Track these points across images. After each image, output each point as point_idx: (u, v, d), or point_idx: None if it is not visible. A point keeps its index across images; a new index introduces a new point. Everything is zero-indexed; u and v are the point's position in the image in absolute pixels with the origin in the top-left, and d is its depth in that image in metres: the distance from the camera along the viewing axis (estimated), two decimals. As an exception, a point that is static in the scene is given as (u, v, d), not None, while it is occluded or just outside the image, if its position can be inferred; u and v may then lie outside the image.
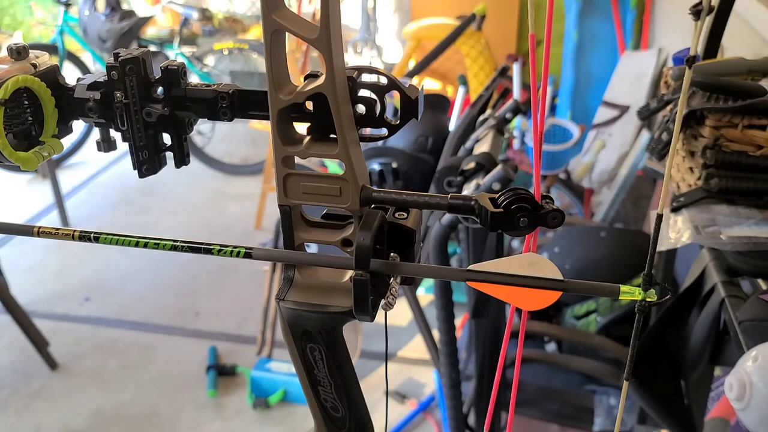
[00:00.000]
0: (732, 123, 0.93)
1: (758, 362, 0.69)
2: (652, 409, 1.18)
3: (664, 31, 2.84)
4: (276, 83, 0.39)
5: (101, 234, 0.42)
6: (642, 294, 0.37)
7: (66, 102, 0.43)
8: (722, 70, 1.02)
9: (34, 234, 0.43)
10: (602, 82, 2.95)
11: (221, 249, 0.42)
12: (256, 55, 3.82)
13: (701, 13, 0.30)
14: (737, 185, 0.94)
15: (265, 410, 2.14)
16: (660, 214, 0.36)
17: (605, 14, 3.12)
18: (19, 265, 2.92)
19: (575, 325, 1.89)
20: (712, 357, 0.98)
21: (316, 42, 0.37)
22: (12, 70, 0.41)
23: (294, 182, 0.41)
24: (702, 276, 0.98)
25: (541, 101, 0.43)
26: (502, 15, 3.66)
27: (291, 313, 0.43)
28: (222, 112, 0.43)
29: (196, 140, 3.76)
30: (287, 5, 0.38)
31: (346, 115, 0.39)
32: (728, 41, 1.18)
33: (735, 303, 0.86)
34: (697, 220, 0.92)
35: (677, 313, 1.06)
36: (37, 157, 0.43)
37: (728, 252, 0.90)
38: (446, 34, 2.51)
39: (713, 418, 0.95)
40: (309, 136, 0.41)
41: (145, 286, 2.82)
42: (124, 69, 0.42)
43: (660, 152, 1.05)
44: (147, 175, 0.45)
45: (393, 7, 4.45)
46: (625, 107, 2.66)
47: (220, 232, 3.25)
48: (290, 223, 0.43)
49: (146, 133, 0.43)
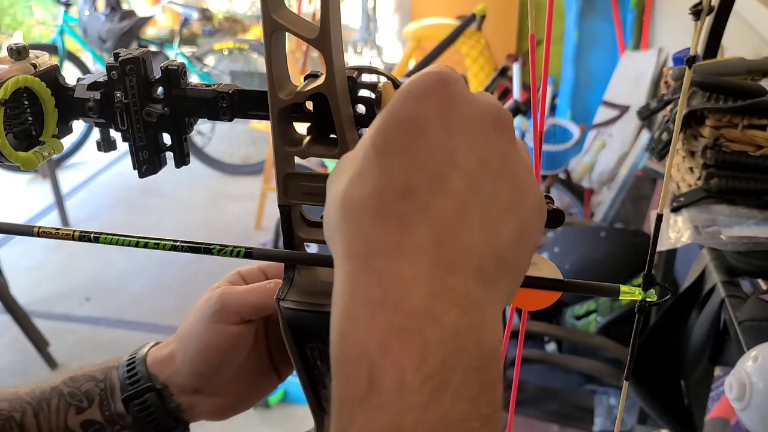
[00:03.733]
0: (732, 123, 0.93)
1: (758, 362, 0.69)
2: (652, 409, 1.18)
3: (664, 31, 2.84)
4: (276, 83, 0.39)
5: (101, 234, 0.42)
6: (642, 294, 0.37)
7: (66, 102, 0.43)
8: (722, 70, 1.02)
9: (34, 234, 0.43)
10: (602, 82, 2.94)
11: (221, 249, 0.42)
12: (256, 55, 3.82)
13: (701, 13, 0.30)
14: (737, 185, 0.94)
15: (265, 410, 2.14)
16: (660, 214, 0.36)
17: (605, 14, 3.12)
18: (19, 265, 2.92)
19: (575, 325, 1.89)
20: (712, 357, 0.98)
21: (315, 42, 0.37)
22: (12, 70, 0.41)
23: (294, 182, 0.41)
24: (702, 276, 0.98)
25: (541, 101, 0.43)
26: (502, 15, 3.66)
27: (291, 313, 0.43)
28: (222, 112, 0.43)
29: (196, 140, 3.76)
30: (287, 5, 0.38)
31: (346, 115, 0.39)
32: (728, 41, 1.18)
33: (735, 303, 0.86)
34: (697, 220, 0.92)
35: (677, 313, 1.06)
36: (37, 157, 0.42)
37: (728, 252, 0.90)
38: (446, 34, 2.51)
39: (713, 418, 0.95)
40: (309, 136, 0.41)
41: (145, 286, 2.83)
42: (124, 69, 0.42)
43: (660, 152, 1.05)
44: (147, 175, 0.45)
45: (393, 7, 4.45)
46: (625, 107, 2.66)
47: (220, 232, 3.25)
48: (290, 223, 0.43)
49: (146, 133, 0.43)
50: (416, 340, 0.24)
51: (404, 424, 0.23)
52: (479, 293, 0.26)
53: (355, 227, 0.27)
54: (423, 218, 0.26)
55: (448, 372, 0.24)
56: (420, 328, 0.24)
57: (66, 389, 0.51)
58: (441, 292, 0.25)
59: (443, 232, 0.26)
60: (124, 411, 0.50)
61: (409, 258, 0.26)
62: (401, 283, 0.25)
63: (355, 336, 0.25)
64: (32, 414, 0.50)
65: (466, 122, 0.28)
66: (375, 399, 0.24)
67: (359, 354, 0.25)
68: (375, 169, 0.27)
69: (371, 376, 0.24)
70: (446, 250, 0.26)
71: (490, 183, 0.28)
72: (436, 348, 0.24)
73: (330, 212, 0.29)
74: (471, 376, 0.24)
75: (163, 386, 0.50)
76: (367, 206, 0.27)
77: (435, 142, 0.27)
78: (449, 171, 0.27)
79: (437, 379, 0.24)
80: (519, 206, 0.29)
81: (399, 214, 0.26)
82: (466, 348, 0.25)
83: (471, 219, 0.27)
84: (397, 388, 0.23)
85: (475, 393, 0.24)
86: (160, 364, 0.51)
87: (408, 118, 0.28)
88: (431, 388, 0.23)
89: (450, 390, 0.24)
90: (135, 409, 0.49)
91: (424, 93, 0.28)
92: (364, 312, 0.25)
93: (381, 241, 0.26)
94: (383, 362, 0.24)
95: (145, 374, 0.50)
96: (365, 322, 0.25)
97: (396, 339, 0.24)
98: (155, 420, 0.49)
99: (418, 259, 0.26)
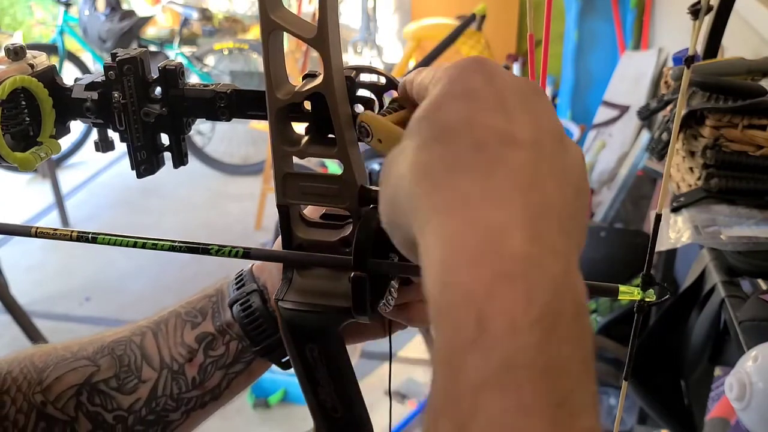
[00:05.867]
0: (732, 123, 0.93)
1: (758, 362, 0.69)
2: (652, 409, 1.18)
3: (664, 31, 2.84)
4: (274, 83, 0.38)
5: (99, 234, 0.42)
6: (641, 294, 0.37)
7: (63, 102, 0.43)
8: (722, 70, 1.02)
9: (31, 234, 0.43)
10: (602, 82, 2.94)
11: (219, 249, 0.42)
12: (256, 55, 3.82)
13: (699, 12, 0.30)
14: (737, 185, 0.94)
15: (265, 410, 2.14)
16: (660, 214, 0.36)
17: (605, 14, 3.12)
18: (19, 265, 2.92)
19: (575, 325, 1.89)
20: (712, 357, 0.98)
21: (313, 42, 0.36)
22: (9, 70, 0.41)
23: (292, 182, 0.41)
24: (702, 276, 0.98)
25: (540, 101, 0.43)
26: (502, 15, 3.66)
27: (290, 313, 0.43)
28: (220, 112, 0.43)
29: (196, 140, 3.76)
30: (287, 5, 0.38)
31: (345, 115, 0.39)
32: (728, 41, 1.18)
33: (735, 303, 0.86)
34: (697, 220, 0.92)
35: (677, 313, 1.05)
36: (35, 158, 0.42)
37: (728, 252, 0.90)
38: (446, 34, 2.51)
39: (713, 418, 0.95)
40: (307, 136, 0.41)
41: (145, 286, 2.82)
42: (122, 69, 0.42)
43: (660, 152, 1.05)
44: (145, 175, 0.45)
45: (393, 7, 4.44)
46: (625, 107, 2.66)
47: (220, 232, 3.25)
48: (289, 223, 0.43)
49: (144, 133, 0.43)
50: (521, 283, 0.25)
51: (517, 363, 0.23)
52: (564, 241, 0.27)
53: (433, 185, 0.28)
54: (502, 168, 0.27)
55: (553, 315, 0.24)
56: (524, 272, 0.25)
57: (182, 310, 0.53)
58: (536, 237, 0.26)
59: (524, 181, 0.27)
60: (231, 319, 0.50)
61: (500, 205, 0.26)
62: (497, 230, 0.26)
63: (459, 283, 0.25)
64: (152, 335, 0.52)
65: (511, 89, 0.30)
66: (487, 341, 0.24)
67: (465, 300, 0.25)
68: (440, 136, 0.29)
69: (480, 321, 0.24)
70: (531, 197, 0.27)
71: (548, 140, 0.29)
72: (541, 292, 0.25)
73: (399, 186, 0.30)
74: (572, 320, 0.25)
75: (264, 287, 0.50)
76: (443, 163, 0.28)
77: (491, 106, 0.29)
78: (512, 128, 0.28)
79: (545, 322, 0.24)
80: (572, 164, 0.30)
81: (477, 166, 0.27)
82: (564, 294, 0.25)
83: (543, 170, 0.28)
84: (509, 329, 0.24)
85: (576, 336, 0.25)
86: (262, 266, 0.51)
87: (460, 92, 0.30)
88: (540, 329, 0.24)
89: (557, 333, 0.24)
90: (239, 314, 0.50)
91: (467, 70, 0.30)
92: (465, 259, 0.26)
93: (466, 191, 0.27)
94: (491, 306, 0.24)
95: (249, 278, 0.51)
96: (467, 269, 0.25)
97: (501, 283, 0.25)
98: (258, 322, 0.49)
99: (508, 205, 0.26)
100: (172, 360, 0.51)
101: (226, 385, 0.52)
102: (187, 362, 0.51)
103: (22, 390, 0.50)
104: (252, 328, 0.49)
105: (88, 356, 0.51)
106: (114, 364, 0.50)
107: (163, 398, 0.50)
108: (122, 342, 0.51)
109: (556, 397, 0.23)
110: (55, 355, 0.51)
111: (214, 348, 0.51)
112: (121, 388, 0.50)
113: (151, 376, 0.50)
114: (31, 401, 0.50)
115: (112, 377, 0.50)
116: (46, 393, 0.50)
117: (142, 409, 0.50)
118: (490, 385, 0.23)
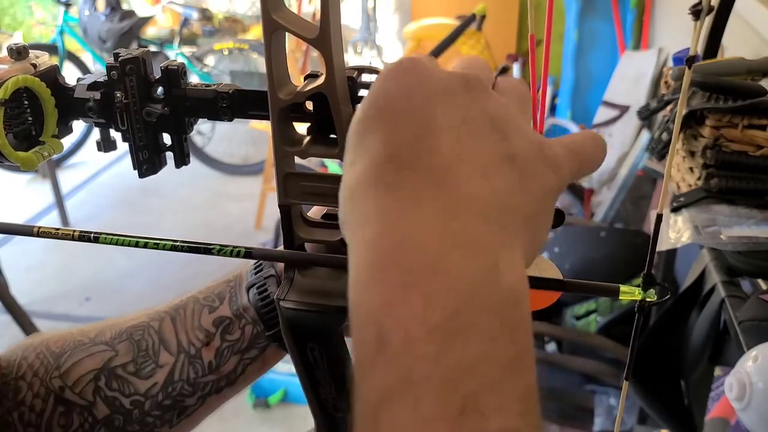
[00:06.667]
0: (732, 123, 0.93)
1: (758, 362, 0.69)
2: (652, 409, 1.18)
3: (664, 31, 2.84)
4: (276, 83, 0.38)
5: (101, 234, 0.42)
6: (642, 294, 0.37)
7: (66, 102, 0.43)
8: (722, 70, 1.02)
9: (34, 234, 0.43)
10: (602, 82, 2.95)
11: (221, 249, 0.42)
12: (256, 55, 3.82)
13: (701, 13, 0.30)
14: (737, 185, 0.94)
15: (265, 410, 2.14)
16: (660, 214, 0.36)
17: (605, 14, 3.12)
18: (19, 265, 2.92)
19: (575, 325, 1.90)
20: (712, 357, 0.98)
21: (315, 42, 0.36)
22: (12, 70, 0.41)
23: (294, 182, 0.41)
24: (702, 276, 0.98)
25: (541, 101, 0.43)
26: (502, 15, 3.66)
27: (291, 313, 0.43)
28: (222, 112, 0.43)
29: (196, 140, 3.76)
30: (287, 5, 0.38)
31: (346, 115, 0.39)
32: (728, 41, 1.18)
33: (735, 303, 0.86)
34: (697, 220, 0.92)
35: (677, 313, 1.06)
36: (37, 157, 0.42)
37: (728, 252, 0.90)
38: (446, 34, 2.51)
39: (713, 418, 0.95)
40: (309, 136, 0.41)
41: (145, 285, 2.82)
42: (124, 69, 0.42)
43: (660, 152, 1.05)
44: (147, 175, 0.45)
45: (393, 7, 4.45)
46: (625, 107, 2.67)
47: (221, 232, 3.25)
48: (290, 223, 0.43)
49: (146, 133, 0.43)
50: (418, 294, 0.25)
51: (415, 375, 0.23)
52: (488, 236, 0.27)
53: (352, 206, 0.29)
54: (409, 177, 0.27)
55: (457, 319, 0.24)
56: (423, 281, 0.25)
57: (201, 295, 0.53)
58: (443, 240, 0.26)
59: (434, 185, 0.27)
60: (248, 303, 0.50)
61: (403, 216, 0.26)
62: (398, 243, 0.26)
63: (363, 302, 0.26)
64: (170, 320, 0.52)
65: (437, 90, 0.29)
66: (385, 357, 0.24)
67: (367, 318, 0.25)
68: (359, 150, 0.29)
69: (379, 336, 0.24)
70: (441, 201, 0.27)
71: (476, 137, 0.29)
72: (442, 297, 0.24)
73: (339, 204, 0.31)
74: (485, 319, 0.25)
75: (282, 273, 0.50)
76: (360, 184, 0.28)
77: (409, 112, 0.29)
78: (431, 132, 0.28)
79: (444, 327, 0.24)
80: (511, 153, 0.29)
81: (386, 180, 0.27)
82: (477, 292, 0.25)
83: (462, 170, 0.28)
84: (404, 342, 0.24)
85: (493, 335, 0.24)
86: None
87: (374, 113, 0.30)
88: (440, 337, 0.24)
89: (461, 336, 0.24)
90: (255, 297, 0.49)
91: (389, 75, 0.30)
92: (366, 277, 0.26)
93: (372, 209, 0.27)
94: (389, 320, 0.24)
95: (267, 264, 0.51)
96: (369, 287, 0.26)
97: (398, 297, 0.25)
98: (272, 306, 0.49)
99: (413, 214, 0.26)
100: (189, 344, 0.51)
101: (242, 371, 0.52)
102: (204, 346, 0.51)
103: (39, 375, 0.50)
104: (266, 312, 0.49)
105: (105, 341, 0.51)
106: (132, 348, 0.50)
107: (180, 383, 0.51)
108: (140, 327, 0.51)
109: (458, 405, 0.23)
110: (71, 341, 0.51)
111: (230, 332, 0.51)
112: (139, 372, 0.50)
113: (168, 361, 0.50)
114: (48, 386, 0.50)
115: (129, 362, 0.50)
116: (64, 378, 0.50)
117: (159, 394, 0.50)
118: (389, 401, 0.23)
